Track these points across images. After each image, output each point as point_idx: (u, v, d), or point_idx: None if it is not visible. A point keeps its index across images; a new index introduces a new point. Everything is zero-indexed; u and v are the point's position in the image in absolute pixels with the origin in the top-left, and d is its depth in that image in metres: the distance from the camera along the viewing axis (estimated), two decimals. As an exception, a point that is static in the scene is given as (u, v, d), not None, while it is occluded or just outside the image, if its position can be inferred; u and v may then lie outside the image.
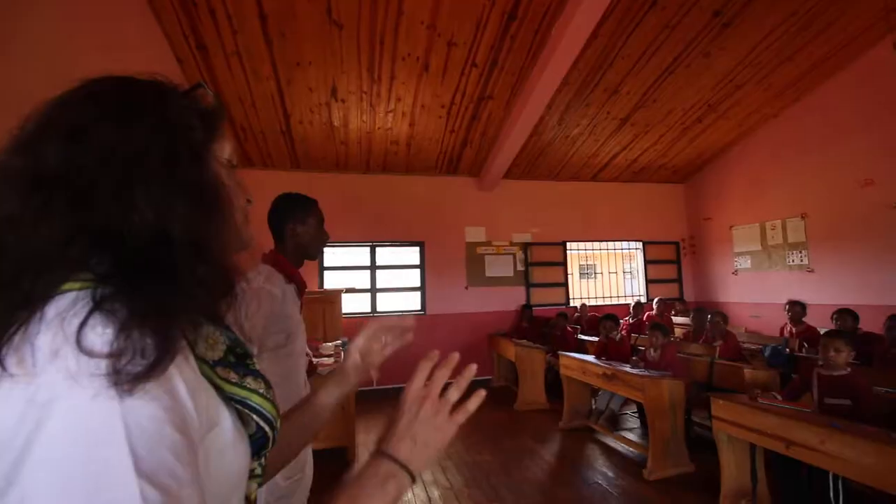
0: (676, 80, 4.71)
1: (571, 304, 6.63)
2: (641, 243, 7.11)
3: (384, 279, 6.04)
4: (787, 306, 4.52)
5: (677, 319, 6.07)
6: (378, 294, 5.97)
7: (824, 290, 5.18)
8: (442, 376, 0.61)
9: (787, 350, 4.07)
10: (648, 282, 7.06)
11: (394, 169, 5.94)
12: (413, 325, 0.81)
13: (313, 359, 3.46)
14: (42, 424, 0.32)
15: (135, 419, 0.34)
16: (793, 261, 5.62)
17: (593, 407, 4.26)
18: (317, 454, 1.64)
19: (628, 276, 7.73)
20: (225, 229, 0.47)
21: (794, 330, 4.43)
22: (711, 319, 4.20)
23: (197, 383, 0.42)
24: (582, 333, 5.69)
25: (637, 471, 3.19)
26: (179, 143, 0.43)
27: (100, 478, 0.32)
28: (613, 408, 4.04)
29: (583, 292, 7.06)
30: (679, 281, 7.20)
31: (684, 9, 3.75)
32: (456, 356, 0.64)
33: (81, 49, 2.29)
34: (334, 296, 4.89)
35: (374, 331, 0.80)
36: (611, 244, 7.05)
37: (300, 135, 4.95)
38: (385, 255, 6.13)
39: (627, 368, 3.53)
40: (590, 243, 6.89)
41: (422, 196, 6.12)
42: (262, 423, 0.50)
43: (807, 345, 4.13)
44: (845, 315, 3.84)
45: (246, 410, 0.48)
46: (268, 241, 1.62)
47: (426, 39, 3.75)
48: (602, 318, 4.48)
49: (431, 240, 6.11)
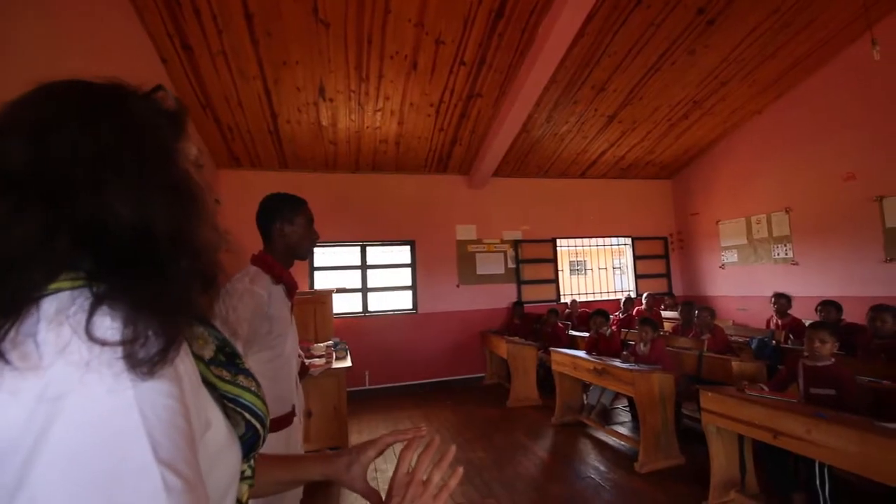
0: (662, 78, 4.76)
1: (562, 300, 6.67)
2: (630, 239, 7.17)
3: (375, 278, 6.02)
4: (773, 299, 4.59)
5: (666, 314, 6.13)
6: (369, 293, 5.95)
7: (809, 283, 5.28)
8: (424, 461, 0.67)
9: (774, 342, 4.13)
10: (638, 277, 7.13)
11: (383, 168, 5.92)
12: (425, 435, 0.73)
13: (305, 360, 3.44)
14: (53, 421, 0.31)
15: (151, 407, 0.34)
16: (778, 254, 5.71)
17: (585, 402, 4.30)
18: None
19: (618, 271, 7.80)
20: (201, 224, 0.47)
21: (779, 322, 4.50)
22: (699, 314, 4.25)
23: (197, 381, 0.42)
24: (573, 329, 5.72)
25: (628, 464, 3.22)
26: (148, 141, 0.43)
27: (120, 467, 0.31)
28: (605, 402, 4.08)
29: (573, 288, 7.11)
30: (668, 276, 7.28)
31: (669, 6, 3.79)
32: (437, 440, 0.71)
33: (61, 48, 2.22)
34: (325, 296, 4.87)
35: (385, 445, 0.75)
36: (600, 240, 7.10)
37: (288, 135, 4.91)
38: (376, 254, 6.11)
39: (618, 363, 3.56)
40: (579, 240, 6.94)
41: (412, 195, 6.11)
42: (253, 421, 0.50)
43: (792, 336, 4.20)
44: (829, 307, 3.91)
45: (238, 409, 0.49)
46: (258, 242, 1.61)
47: (414, 37, 3.74)
48: (592, 314, 4.51)
49: (422, 238, 6.10)
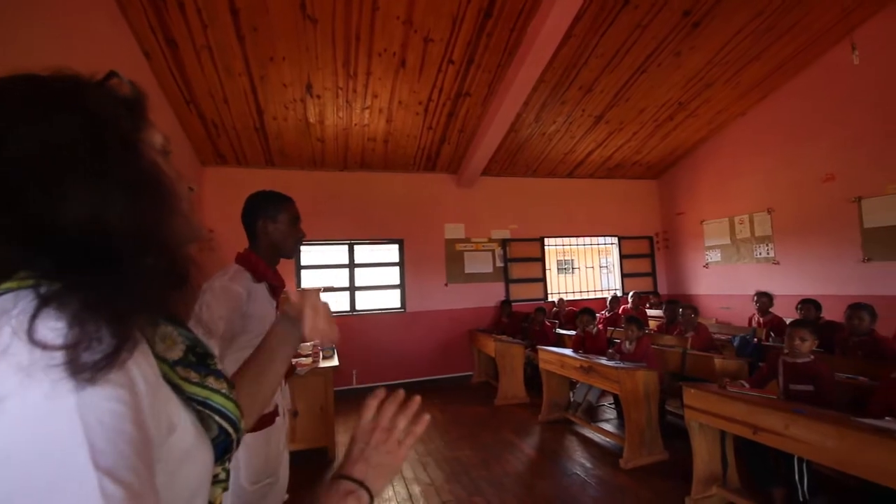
0: (649, 79, 4.81)
1: (550, 298, 6.72)
2: (617, 238, 7.25)
3: (363, 277, 6.00)
4: (755, 297, 4.68)
5: (652, 312, 6.22)
6: (357, 292, 5.92)
7: (789, 282, 5.39)
8: (389, 408, 0.65)
9: (755, 339, 4.22)
10: (624, 276, 7.21)
11: (372, 166, 5.89)
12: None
13: (291, 359, 3.41)
14: None
15: (93, 412, 0.32)
16: (760, 253, 5.82)
17: (571, 399, 4.34)
18: (296, 455, 1.61)
19: (605, 270, 7.89)
20: (169, 217, 0.45)
21: (761, 320, 4.59)
22: (683, 312, 4.32)
23: (157, 383, 0.40)
24: (560, 328, 5.77)
25: (614, 460, 3.26)
26: (107, 132, 0.41)
27: (57, 474, 0.30)
28: (591, 400, 4.13)
29: (561, 287, 7.17)
30: (653, 275, 7.38)
31: (655, 8, 3.83)
32: (401, 392, 0.68)
33: (36, 40, 2.15)
34: (312, 295, 4.82)
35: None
36: (587, 239, 7.16)
37: (275, 131, 4.86)
38: (364, 252, 6.08)
39: (604, 361, 3.59)
40: (567, 239, 6.99)
41: (400, 193, 6.09)
42: (224, 424, 0.48)
43: (773, 334, 4.29)
44: (809, 305, 4.00)
45: (207, 412, 0.47)
46: (245, 241, 1.59)
47: (402, 35, 3.72)
48: (579, 313, 4.55)
49: (410, 237, 6.09)
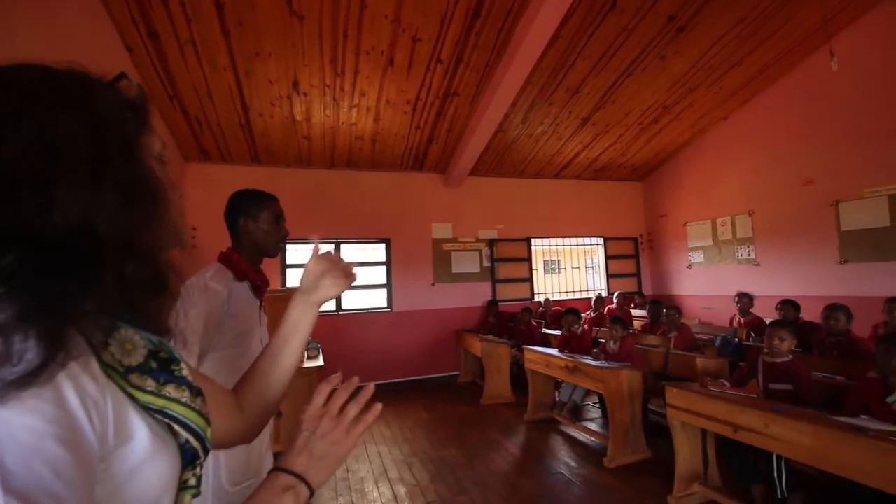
0: (634, 82, 4.87)
1: (536, 298, 6.76)
2: (602, 239, 7.32)
3: (349, 276, 5.94)
4: (736, 298, 4.76)
5: (636, 312, 6.30)
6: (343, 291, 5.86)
7: (769, 283, 5.52)
8: (340, 396, 0.62)
9: (736, 339, 4.30)
10: (609, 276, 7.29)
11: (359, 165, 5.86)
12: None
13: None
14: None
15: (7, 431, 0.30)
16: (741, 255, 5.94)
17: (557, 399, 4.37)
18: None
19: (590, 270, 7.97)
20: (158, 225, 0.44)
21: (742, 320, 4.68)
22: (666, 313, 4.38)
23: (98, 393, 0.38)
24: (546, 328, 5.80)
25: (598, 459, 3.30)
26: (110, 135, 0.41)
27: None
28: (576, 399, 4.17)
29: (547, 287, 7.22)
30: (638, 275, 7.48)
31: (641, 13, 3.89)
32: (356, 379, 0.67)
33: (13, 32, 2.10)
34: (298, 294, 4.77)
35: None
36: (574, 240, 7.22)
37: (260, 128, 4.79)
38: (350, 251, 6.04)
39: (589, 361, 3.63)
40: (553, 239, 7.04)
41: (387, 193, 6.07)
42: (186, 435, 0.46)
43: (754, 334, 4.38)
44: (788, 306, 4.08)
45: (167, 420, 0.44)
46: (227, 239, 1.56)
47: (390, 34, 3.71)
48: (564, 313, 4.58)
49: (397, 236, 6.07)
